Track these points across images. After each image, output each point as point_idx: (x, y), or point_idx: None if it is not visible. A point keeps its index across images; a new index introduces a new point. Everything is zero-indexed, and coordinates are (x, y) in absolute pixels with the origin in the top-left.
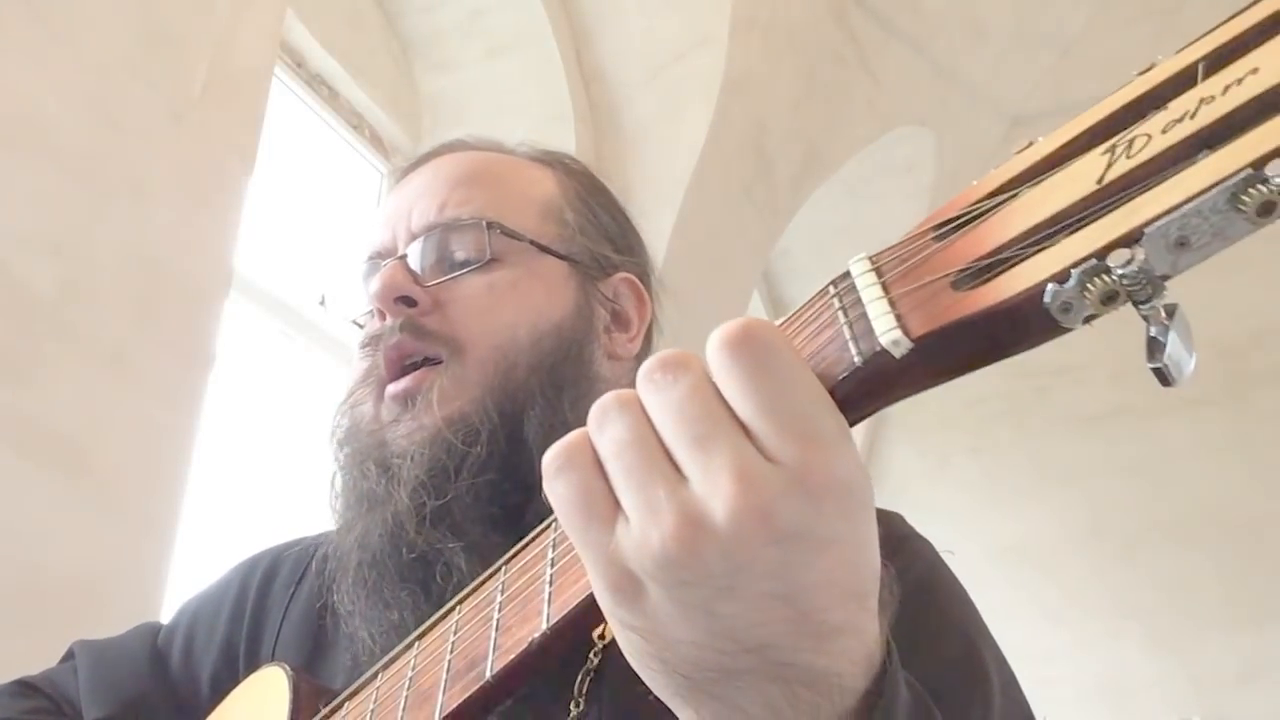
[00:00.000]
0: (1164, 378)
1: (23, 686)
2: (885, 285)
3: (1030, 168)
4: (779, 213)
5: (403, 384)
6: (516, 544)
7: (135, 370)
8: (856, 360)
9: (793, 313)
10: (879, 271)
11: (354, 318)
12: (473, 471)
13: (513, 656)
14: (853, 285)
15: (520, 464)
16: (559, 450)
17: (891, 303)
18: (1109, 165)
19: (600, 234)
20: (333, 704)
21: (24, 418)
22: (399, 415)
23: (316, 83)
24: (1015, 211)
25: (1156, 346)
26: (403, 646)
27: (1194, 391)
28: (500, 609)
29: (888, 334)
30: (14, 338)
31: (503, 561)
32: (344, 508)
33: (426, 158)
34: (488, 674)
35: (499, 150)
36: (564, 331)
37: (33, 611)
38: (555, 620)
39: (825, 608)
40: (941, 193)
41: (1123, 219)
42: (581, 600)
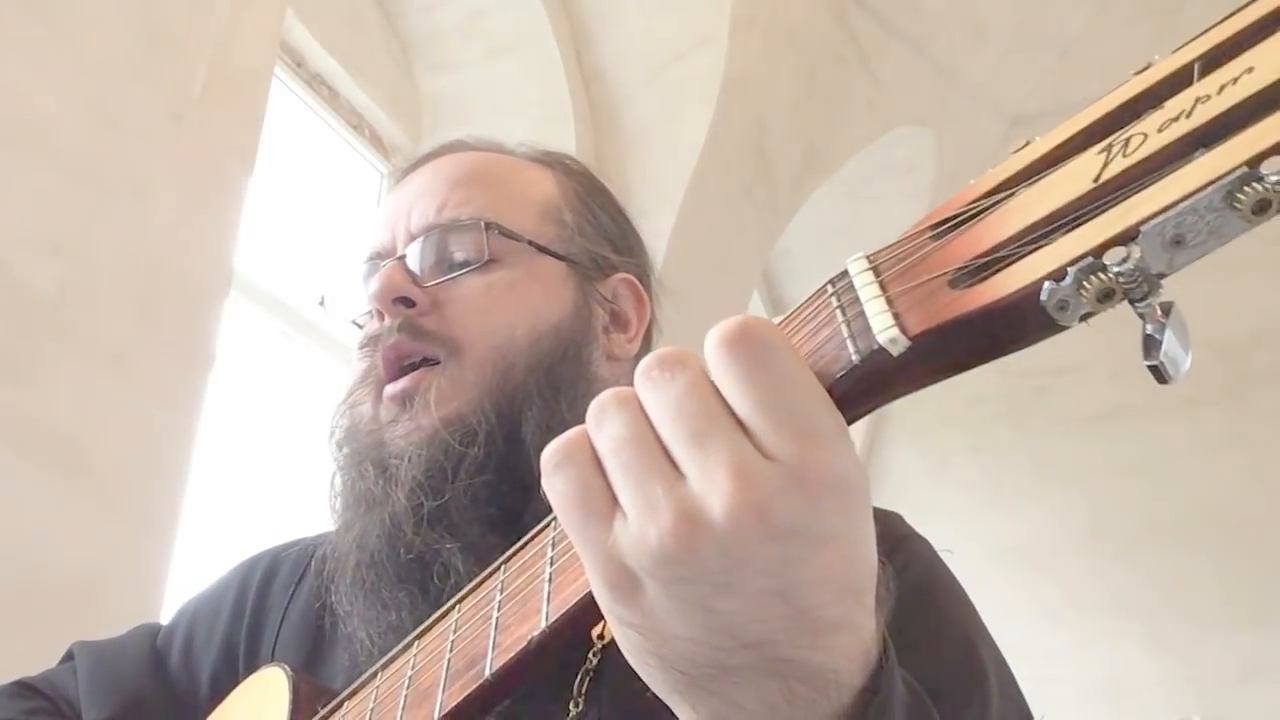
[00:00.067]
0: (1160, 375)
1: (22, 687)
2: (883, 284)
3: (1027, 167)
4: (779, 213)
5: (401, 384)
6: (513, 545)
7: (135, 370)
8: (854, 358)
9: (791, 312)
10: (876, 270)
11: (353, 318)
12: (470, 472)
13: (512, 655)
14: (850, 284)
15: (518, 465)
16: (557, 447)
17: (889, 301)
18: (1105, 164)
19: (599, 234)
20: (332, 704)
21: (24, 418)
22: (397, 416)
23: (316, 83)
24: (1012, 210)
25: (1153, 344)
26: (402, 646)
27: (1194, 391)
28: (500, 608)
29: (885, 332)
30: (14, 338)
31: (502, 560)
32: (343, 508)
33: (426, 158)
34: (487, 672)
35: (499, 151)
36: (562, 332)
37: (33, 611)
38: (554, 619)
39: (822, 604)
40: (941, 193)
41: (1119, 217)
42: (580, 599)
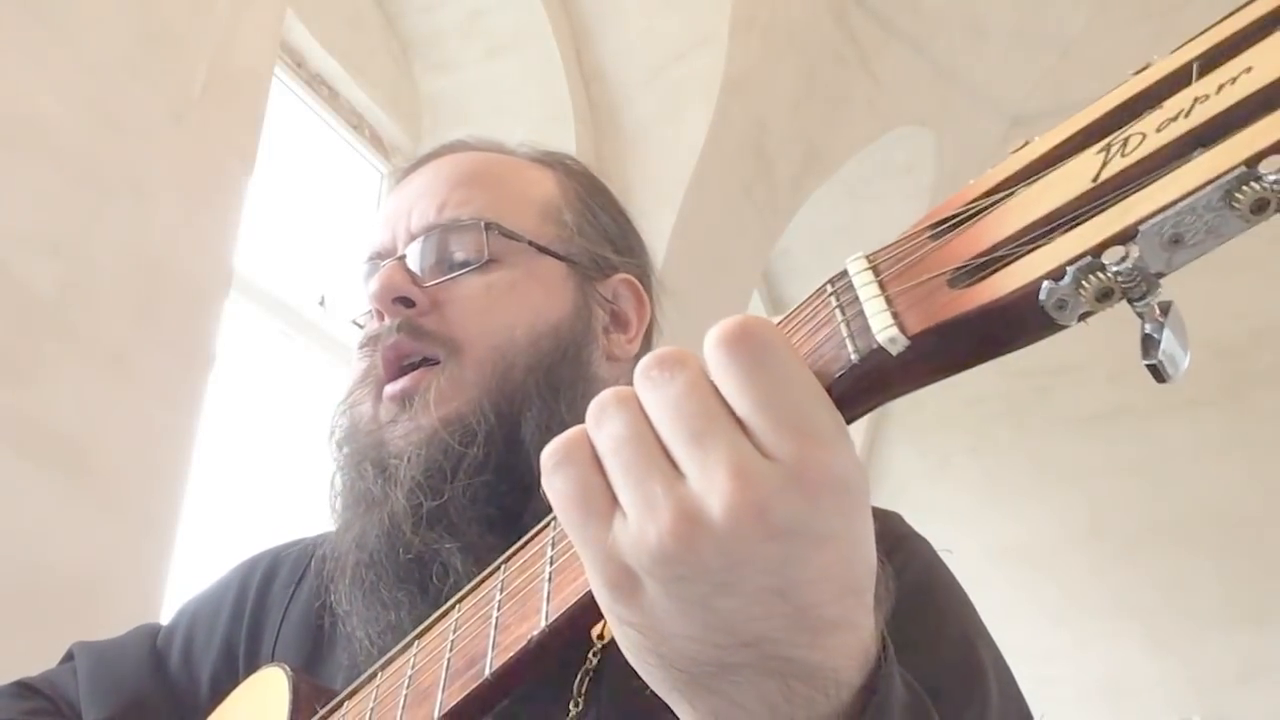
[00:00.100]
0: (1159, 374)
1: (22, 688)
2: (882, 283)
3: (1026, 166)
4: (779, 213)
5: (400, 384)
6: (512, 545)
7: (135, 370)
8: (853, 358)
9: (790, 311)
10: (876, 270)
11: (354, 318)
12: (469, 472)
13: (511, 654)
14: (850, 284)
15: (517, 465)
16: (557, 446)
17: (888, 300)
18: (1104, 164)
19: (600, 235)
20: (332, 704)
21: (24, 418)
22: (396, 416)
23: (316, 83)
24: (1011, 210)
25: (1151, 343)
26: (402, 645)
27: (1193, 391)
28: (499, 607)
29: (884, 331)
30: (14, 338)
31: (502, 560)
32: (342, 508)
33: (427, 158)
34: (486, 672)
35: (500, 151)
36: (562, 332)
37: (33, 611)
38: (554, 618)
39: (822, 603)
40: (941, 193)
41: (1117, 217)
42: (580, 598)
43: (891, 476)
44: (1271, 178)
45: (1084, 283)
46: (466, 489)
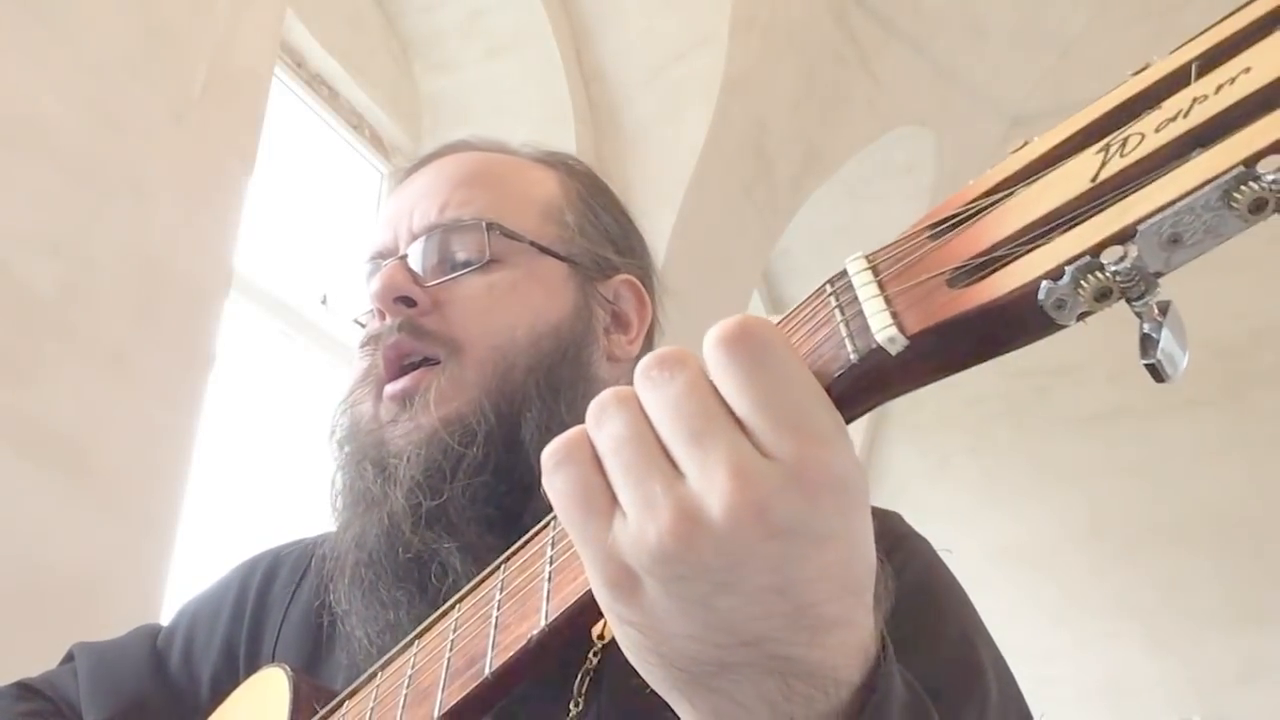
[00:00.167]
0: (1158, 374)
1: (23, 689)
2: (881, 283)
3: (1025, 167)
4: (779, 213)
5: (401, 384)
6: (511, 546)
7: (135, 370)
8: (853, 357)
9: (789, 311)
10: (875, 270)
11: (356, 317)
12: (469, 473)
13: (511, 654)
14: (849, 284)
15: (516, 466)
16: (558, 445)
17: (887, 300)
18: (1103, 164)
19: (601, 235)
20: (332, 703)
21: (24, 418)
22: (397, 415)
23: (316, 83)
24: (1010, 210)
25: (1150, 343)
26: (403, 645)
27: (1193, 391)
28: (499, 607)
29: (883, 331)
30: (14, 338)
31: (502, 559)
32: (343, 506)
33: (429, 158)
34: (486, 671)
35: (502, 151)
36: (562, 333)
37: (33, 611)
38: (553, 617)
39: (821, 601)
40: (941, 193)
41: (1116, 216)
42: (580, 597)
43: (891, 476)
44: (1270, 177)
45: (1083, 282)
46: (466, 489)
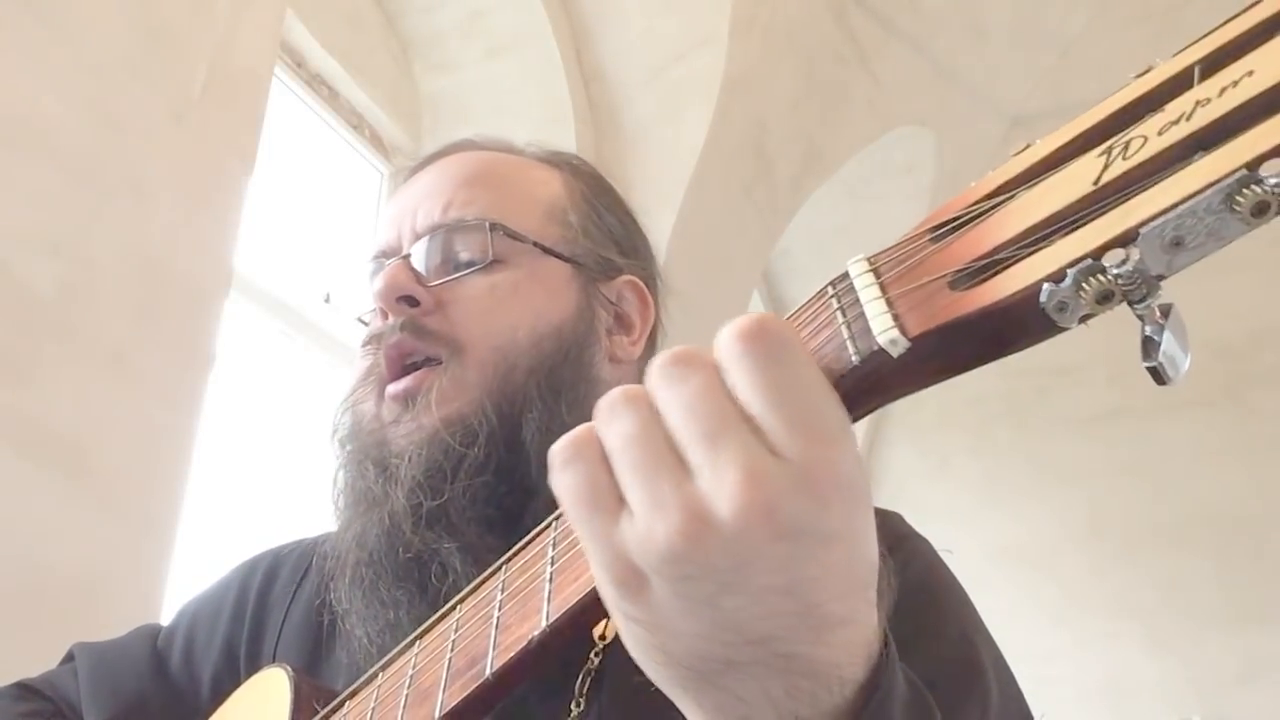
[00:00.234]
0: (1159, 376)
1: (23, 689)
2: (883, 285)
3: (1027, 169)
4: (779, 213)
5: (402, 384)
6: (511, 546)
7: (135, 370)
8: (854, 359)
9: (791, 313)
10: (877, 272)
11: (359, 315)
12: (469, 473)
13: (512, 654)
14: (851, 286)
15: (517, 466)
16: (566, 443)
17: (889, 303)
18: (1105, 167)
19: (605, 236)
20: (333, 704)
21: (24, 418)
22: (399, 415)
23: (316, 83)
24: (1012, 213)
25: (1151, 345)
26: (404, 645)
27: (1193, 392)
28: (500, 607)
29: (885, 333)
30: (14, 338)
31: (504, 560)
32: (344, 506)
33: (433, 157)
34: (487, 672)
35: (506, 150)
36: (564, 334)
37: (33, 612)
38: (555, 618)
39: (827, 600)
40: (941, 193)
41: (1118, 219)
42: (581, 598)
43: (891, 476)
44: (1272, 181)
45: (1084, 285)
46: (467, 489)
